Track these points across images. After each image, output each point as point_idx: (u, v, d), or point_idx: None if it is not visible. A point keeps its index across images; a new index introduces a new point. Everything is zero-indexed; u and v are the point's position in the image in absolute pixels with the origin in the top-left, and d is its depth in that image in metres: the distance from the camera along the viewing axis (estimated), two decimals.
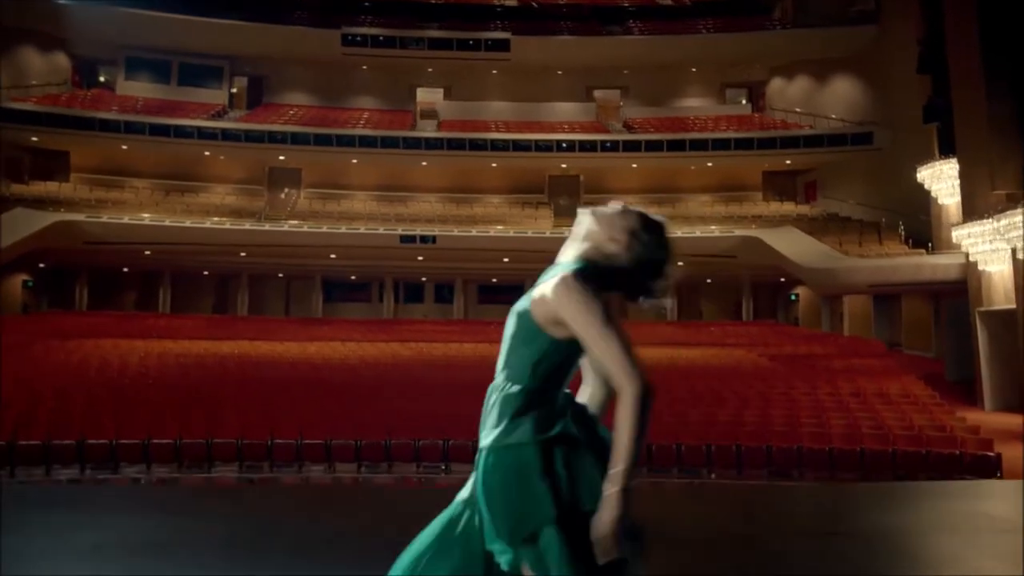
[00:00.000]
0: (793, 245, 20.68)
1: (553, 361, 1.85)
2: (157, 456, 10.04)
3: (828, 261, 19.15)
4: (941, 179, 16.86)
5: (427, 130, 26.11)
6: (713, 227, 23.59)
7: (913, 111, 18.45)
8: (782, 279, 24.97)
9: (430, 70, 27.47)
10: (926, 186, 17.71)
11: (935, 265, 17.22)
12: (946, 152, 16.45)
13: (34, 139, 23.58)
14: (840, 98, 25.18)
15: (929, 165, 17.33)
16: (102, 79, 26.89)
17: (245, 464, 10.12)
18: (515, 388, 1.85)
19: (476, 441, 1.90)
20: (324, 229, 23.07)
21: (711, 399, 13.02)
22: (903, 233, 20.76)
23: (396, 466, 10.38)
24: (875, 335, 21.22)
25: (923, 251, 18.81)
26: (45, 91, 24.40)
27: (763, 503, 6.14)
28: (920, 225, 19.85)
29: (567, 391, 1.91)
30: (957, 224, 15.09)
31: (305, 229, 23.02)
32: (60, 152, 24.86)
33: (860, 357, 18.09)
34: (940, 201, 17.64)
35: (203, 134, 23.97)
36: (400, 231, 23.10)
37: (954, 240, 15.01)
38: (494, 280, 27.17)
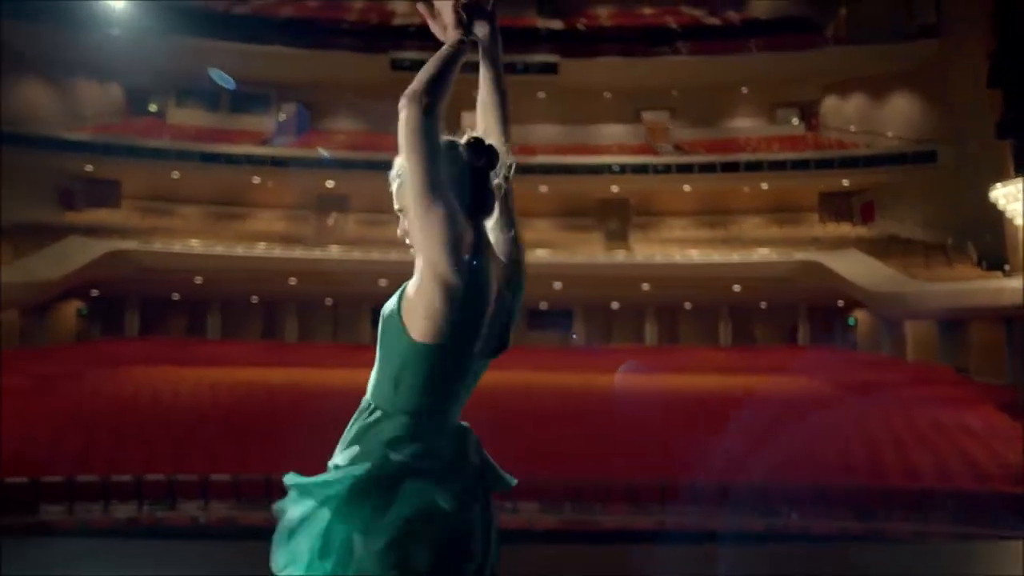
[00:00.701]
0: (857, 268, 19.99)
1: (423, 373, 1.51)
2: (215, 492, 9.77)
3: (896, 285, 18.45)
4: (1016, 198, 16.14)
5: None
6: (769, 250, 22.98)
7: (982, 127, 17.75)
8: (840, 303, 24.22)
9: (475, 94, 27.26)
10: (1000, 205, 16.97)
11: (1016, 289, 16.44)
12: (1023, 170, 15.75)
13: (88, 168, 23.82)
14: (898, 115, 24.46)
15: (1004, 183, 16.60)
16: (153, 108, 27.18)
17: None
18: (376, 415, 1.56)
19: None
20: (375, 255, 22.91)
21: (779, 431, 12.43)
22: (974, 255, 19.95)
23: None
24: (941, 360, 20.39)
25: (999, 274, 18.02)
26: (98, 121, 24.70)
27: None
28: (988, 247, 19.06)
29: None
30: None
31: (356, 255, 22.89)
32: (111, 181, 25.11)
33: (930, 384, 17.31)
34: (1016, 221, 16.89)
35: (252, 160, 24.05)
36: None
37: None
38: (543, 306, 26.75)
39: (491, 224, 1.65)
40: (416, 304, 1.50)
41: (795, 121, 27.96)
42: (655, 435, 11.69)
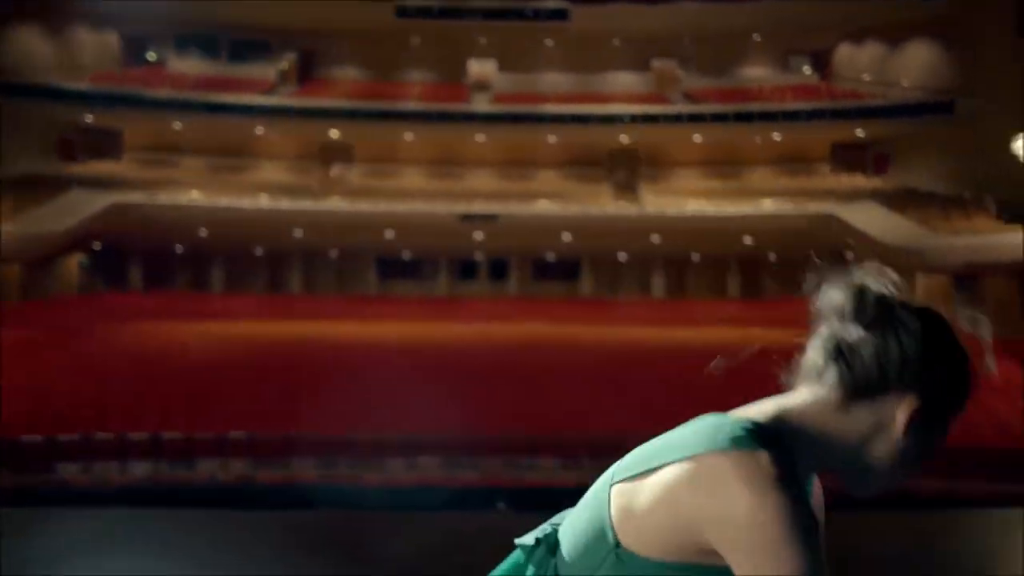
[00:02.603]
0: (873, 221, 19.70)
1: None
2: (233, 451, 9.66)
3: (915, 239, 18.21)
4: None
5: (481, 103, 25.42)
6: (782, 202, 22.67)
7: (1007, 77, 17.30)
8: (849, 255, 23.97)
9: (483, 41, 26.69)
10: (1021, 157, 16.62)
11: None
12: None
13: (88, 118, 23.36)
14: (916, 64, 23.88)
15: None
16: (152, 57, 26.58)
17: (324, 460, 9.71)
18: None
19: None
20: (383, 207, 22.63)
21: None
22: (993, 208, 19.66)
23: (481, 461, 9.91)
24: (954, 314, 20.21)
25: (1019, 227, 17.75)
26: (97, 71, 24.17)
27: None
28: (1008, 199, 18.75)
29: None
30: None
31: (364, 207, 22.62)
32: (113, 131, 24.66)
33: None
34: None
35: (256, 111, 23.59)
36: (460, 210, 22.56)
37: None
38: (550, 257, 26.52)
39: None
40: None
41: (807, 70, 27.37)
42: (671, 388, 11.57)
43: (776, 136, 24.36)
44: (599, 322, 19.61)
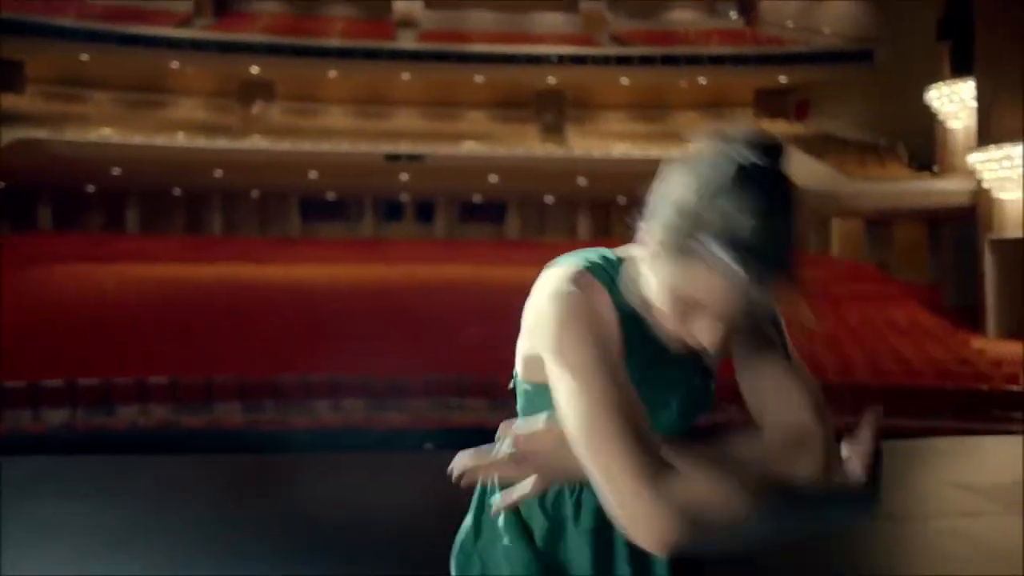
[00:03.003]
0: (793, 167, 20.09)
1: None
2: (154, 396, 9.47)
3: (832, 184, 18.70)
4: (952, 101, 16.34)
5: (407, 41, 24.83)
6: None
7: (921, 28, 17.76)
8: None
9: None
10: (934, 108, 17.19)
11: (944, 190, 16.85)
12: (960, 72, 15.88)
13: None
14: (837, 13, 24.30)
15: (939, 85, 16.78)
16: None
17: (248, 404, 9.61)
18: None
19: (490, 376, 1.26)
20: (306, 146, 22.04)
21: None
22: (905, 156, 20.34)
23: (408, 402, 9.95)
24: (866, 259, 21.02)
25: (928, 174, 18.44)
26: None
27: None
28: (920, 148, 19.41)
29: None
30: (969, 149, 14.67)
31: (286, 146, 21.98)
32: (14, 62, 23.21)
33: (856, 282, 17.88)
34: (948, 124, 17.17)
35: (172, 44, 22.51)
36: (385, 149, 22.15)
37: (969, 165, 14.60)
38: (476, 198, 26.41)
39: None
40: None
41: (734, 16, 27.57)
42: None
43: (702, 80, 24.57)
44: (525, 264, 19.73)
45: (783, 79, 24.60)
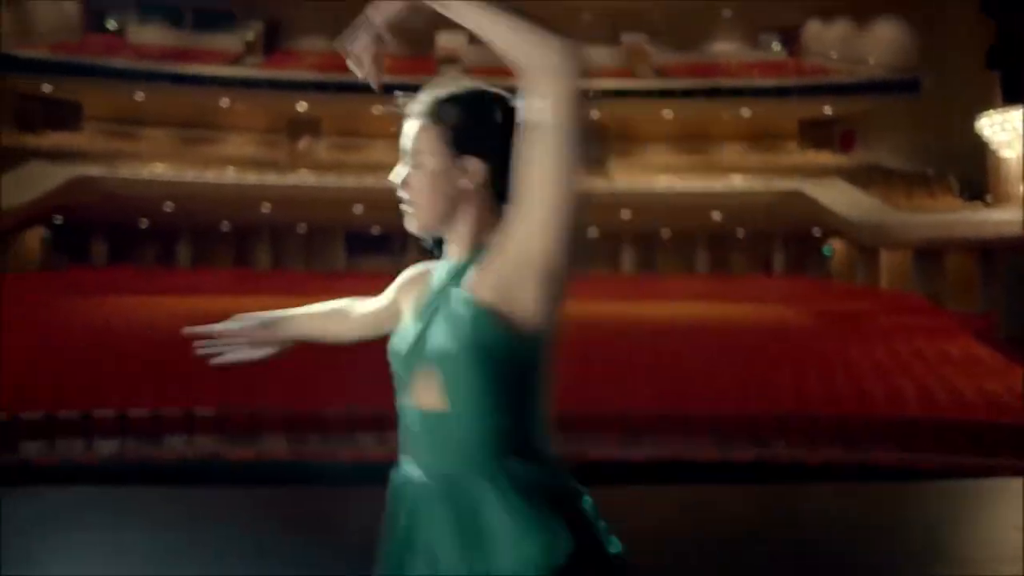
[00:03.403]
0: (839, 198, 19.90)
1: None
2: (201, 427, 9.59)
3: (879, 215, 18.43)
4: (1004, 129, 16.04)
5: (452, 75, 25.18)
6: (750, 178, 22.82)
7: (971, 56, 17.50)
8: (816, 232, 24.27)
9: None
10: (985, 136, 16.88)
11: (998, 220, 16.48)
12: (1012, 100, 15.60)
13: (46, 88, 22.79)
14: (883, 42, 24.08)
15: (991, 113, 16.47)
16: (112, 26, 25.96)
17: (293, 436, 9.67)
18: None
19: None
20: (351, 181, 22.41)
21: (761, 361, 12.44)
22: (956, 186, 19.95)
23: None
24: (914, 289, 20.59)
25: (980, 205, 18.06)
26: (55, 39, 23.54)
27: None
28: (971, 178, 19.04)
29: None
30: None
31: (331, 181, 22.40)
32: (72, 102, 24.08)
33: (907, 314, 17.50)
34: (1001, 153, 16.84)
35: (221, 82, 23.16)
36: None
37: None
38: None
39: None
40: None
41: (776, 47, 27.48)
42: (641, 364, 11.66)
43: (745, 112, 24.48)
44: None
45: (827, 110, 24.39)
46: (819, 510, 5.14)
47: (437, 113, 1.36)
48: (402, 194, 1.38)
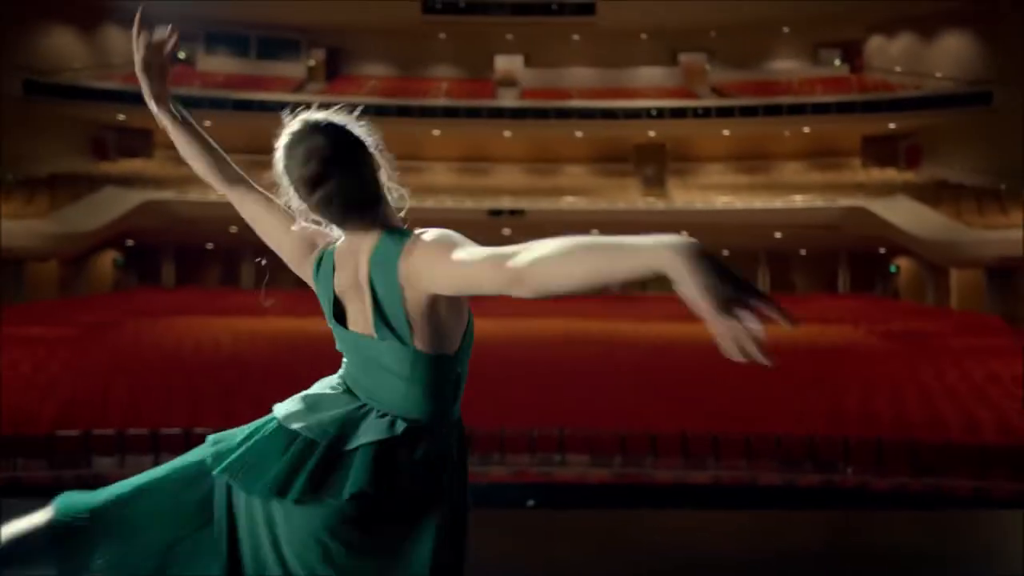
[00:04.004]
0: (906, 215, 19.39)
1: None
2: None
3: (950, 233, 17.90)
4: None
5: (508, 99, 25.42)
6: (812, 196, 22.41)
7: None
8: (881, 249, 23.68)
9: (509, 37, 26.68)
10: None
11: None
12: None
13: (120, 117, 23.68)
14: (949, 55, 23.51)
15: None
16: (182, 55, 26.84)
17: None
18: None
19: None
20: (410, 203, 22.66)
21: (828, 384, 12.13)
22: None
23: (508, 456, 9.91)
24: (988, 310, 19.90)
25: None
26: (128, 70, 24.46)
27: None
28: None
29: None
30: None
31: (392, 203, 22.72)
32: (144, 130, 24.95)
33: (980, 334, 16.88)
34: None
35: (284, 107, 23.69)
36: (487, 205, 22.59)
37: None
38: None
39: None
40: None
41: (838, 63, 27.04)
42: (701, 386, 11.49)
43: (805, 129, 24.11)
44: (627, 318, 19.51)
45: (892, 125, 23.85)
46: (887, 538, 4.98)
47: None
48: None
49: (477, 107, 24.28)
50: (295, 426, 1.53)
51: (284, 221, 1.77)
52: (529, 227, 22.67)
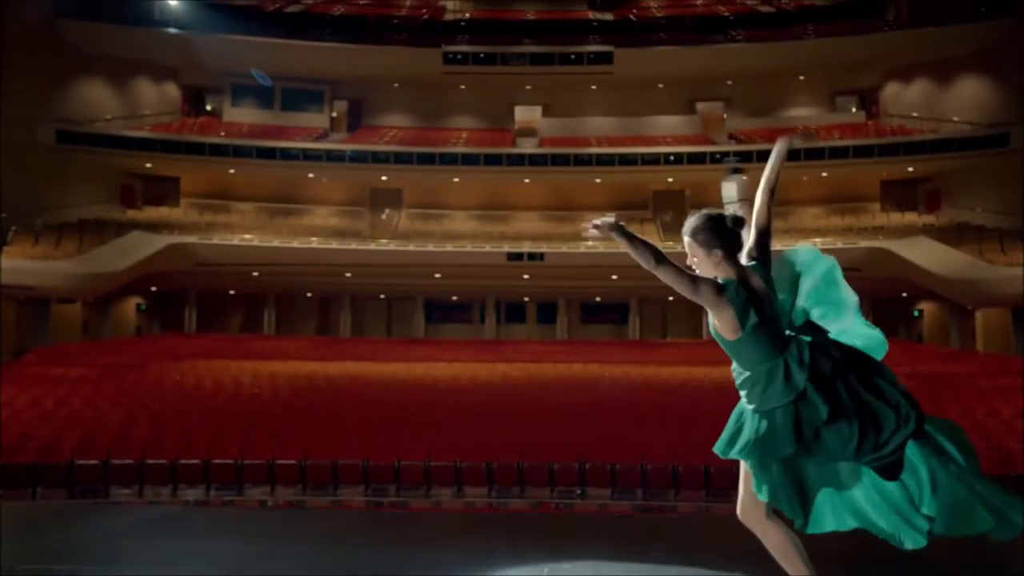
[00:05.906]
0: (928, 255, 19.26)
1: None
2: (282, 478, 9.70)
3: (973, 271, 17.74)
4: None
5: (527, 147, 25.74)
6: (831, 240, 22.35)
7: None
8: (904, 294, 23.47)
9: (528, 87, 27.14)
10: None
11: None
12: None
13: (148, 165, 24.21)
14: (965, 100, 23.62)
15: None
16: (209, 107, 27.52)
17: (371, 487, 9.68)
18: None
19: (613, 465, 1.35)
20: (430, 248, 22.87)
21: None
22: None
23: (528, 490, 9.79)
24: (1017, 351, 19.58)
25: None
26: (157, 120, 25.10)
27: None
28: None
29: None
30: None
31: (411, 248, 22.89)
32: (171, 178, 25.48)
33: (1008, 375, 16.58)
34: None
35: (307, 156, 24.19)
36: (506, 249, 22.70)
37: None
38: (597, 299, 26.47)
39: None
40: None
41: (854, 109, 27.21)
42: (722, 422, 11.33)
43: (824, 174, 24.17)
44: (646, 363, 19.40)
45: (910, 169, 23.87)
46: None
47: (691, 232, 2.82)
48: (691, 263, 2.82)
49: (497, 154, 24.59)
50: None
51: None
52: (548, 271, 22.74)
